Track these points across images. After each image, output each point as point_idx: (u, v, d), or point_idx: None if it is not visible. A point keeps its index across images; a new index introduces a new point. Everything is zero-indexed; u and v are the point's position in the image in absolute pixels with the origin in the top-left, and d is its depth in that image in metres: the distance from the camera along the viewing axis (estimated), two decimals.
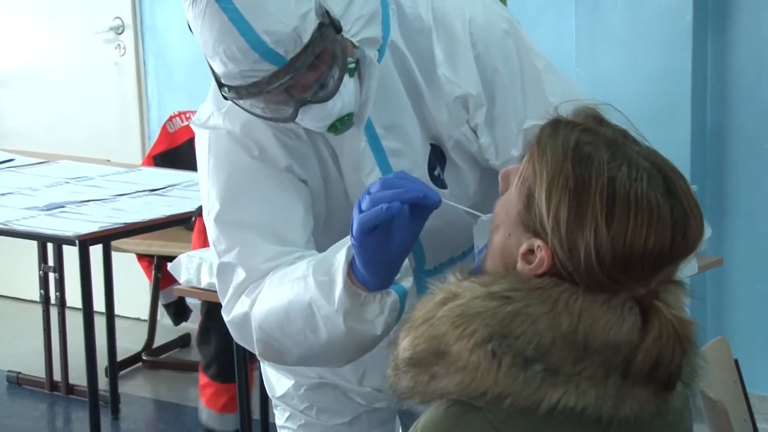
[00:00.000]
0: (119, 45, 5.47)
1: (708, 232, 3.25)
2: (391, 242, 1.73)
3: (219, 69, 1.87)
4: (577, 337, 1.38)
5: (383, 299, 1.79)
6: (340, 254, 1.80)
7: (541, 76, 2.08)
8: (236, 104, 1.92)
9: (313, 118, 1.92)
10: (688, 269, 3.08)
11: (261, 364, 2.33)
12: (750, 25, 3.95)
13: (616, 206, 1.40)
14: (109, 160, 4.86)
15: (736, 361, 2.73)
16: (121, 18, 5.44)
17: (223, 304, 1.97)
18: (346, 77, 1.91)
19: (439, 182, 2.08)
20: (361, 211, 1.70)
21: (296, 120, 1.92)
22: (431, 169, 2.09)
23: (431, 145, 2.09)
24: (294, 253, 1.96)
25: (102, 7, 5.47)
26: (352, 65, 1.92)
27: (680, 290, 1.53)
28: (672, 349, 1.40)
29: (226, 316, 1.97)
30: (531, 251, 1.44)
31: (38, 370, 4.80)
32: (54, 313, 4.68)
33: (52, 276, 4.62)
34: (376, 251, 1.73)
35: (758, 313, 4.06)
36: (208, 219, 2.01)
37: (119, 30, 5.46)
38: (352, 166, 2.03)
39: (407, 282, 1.82)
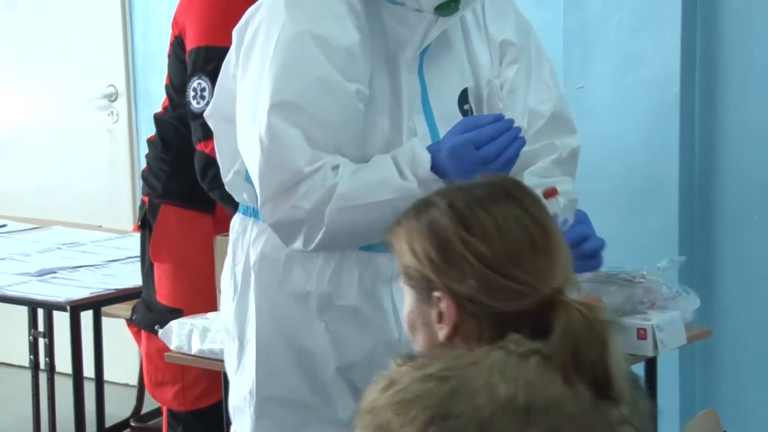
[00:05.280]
0: (112, 112, 5.51)
1: (696, 302, 3.30)
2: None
3: None
4: (518, 403, 1.39)
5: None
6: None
7: (547, 62, 2.39)
8: None
9: None
10: (676, 340, 3.13)
11: None
12: (737, 98, 4.00)
13: (468, 217, 1.50)
14: (100, 226, 4.87)
15: None
16: (114, 85, 5.48)
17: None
18: None
19: (469, 114, 2.31)
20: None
21: None
22: (463, 102, 2.31)
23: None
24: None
25: (95, 75, 5.51)
26: None
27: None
28: (586, 333, 1.44)
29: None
30: (439, 313, 1.50)
31: None
32: (43, 378, 4.67)
33: (41, 341, 4.61)
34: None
35: (748, 383, 4.06)
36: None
37: (112, 97, 5.50)
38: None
39: None
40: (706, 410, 2.74)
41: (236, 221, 2.40)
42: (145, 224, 3.63)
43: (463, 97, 2.31)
